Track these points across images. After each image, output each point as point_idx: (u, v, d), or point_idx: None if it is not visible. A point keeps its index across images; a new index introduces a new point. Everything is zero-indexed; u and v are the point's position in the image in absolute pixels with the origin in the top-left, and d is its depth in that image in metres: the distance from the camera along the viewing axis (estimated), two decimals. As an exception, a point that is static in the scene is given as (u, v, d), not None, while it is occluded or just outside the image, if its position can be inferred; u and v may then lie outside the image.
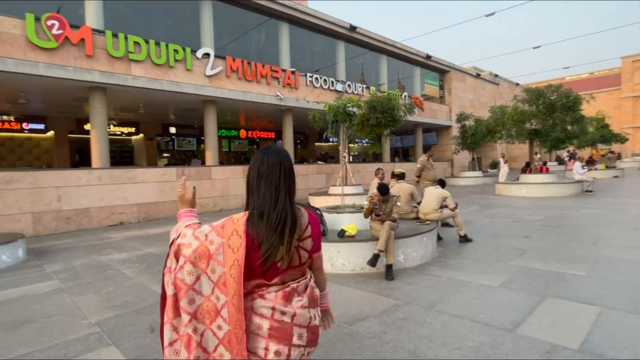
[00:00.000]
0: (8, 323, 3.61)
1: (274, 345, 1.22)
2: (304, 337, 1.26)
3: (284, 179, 1.30)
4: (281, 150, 1.37)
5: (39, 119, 14.58)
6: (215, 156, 12.89)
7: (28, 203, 8.60)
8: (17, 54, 8.72)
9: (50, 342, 3.17)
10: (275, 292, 1.25)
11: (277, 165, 1.30)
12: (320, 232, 1.40)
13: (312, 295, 1.32)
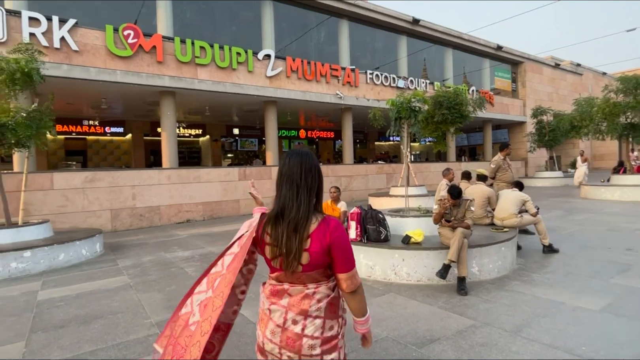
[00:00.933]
0: (80, 318, 3.76)
1: (259, 329, 1.43)
2: (276, 335, 1.36)
3: (305, 179, 1.37)
4: (303, 151, 1.43)
5: (118, 123, 15.90)
6: (275, 156, 13.01)
7: (107, 200, 9.30)
8: (99, 63, 9.46)
9: (113, 340, 3.20)
10: (271, 285, 1.42)
11: (298, 166, 1.38)
12: (325, 250, 1.33)
13: (312, 305, 1.36)
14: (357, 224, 4.83)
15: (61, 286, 4.88)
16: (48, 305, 4.16)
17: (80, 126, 15.03)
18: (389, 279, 4.48)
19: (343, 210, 5.39)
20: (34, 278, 5.31)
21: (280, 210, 1.36)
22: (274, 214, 1.37)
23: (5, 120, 5.98)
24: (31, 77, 6.36)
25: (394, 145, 25.84)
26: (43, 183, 8.55)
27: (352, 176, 14.28)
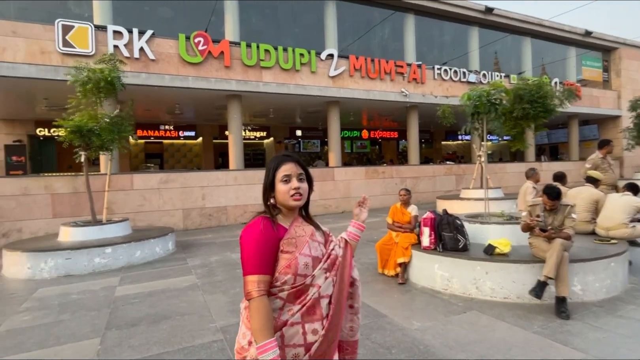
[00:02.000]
0: (150, 317, 3.81)
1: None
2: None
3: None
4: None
5: (190, 127, 16.84)
6: (338, 157, 12.80)
7: (180, 200, 9.77)
8: (172, 70, 9.99)
9: (179, 344, 3.16)
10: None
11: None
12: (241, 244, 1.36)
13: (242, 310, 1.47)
14: (430, 230, 4.38)
15: (136, 283, 5.09)
16: (123, 302, 4.32)
17: (157, 131, 16.16)
18: (469, 293, 3.97)
19: (414, 214, 4.96)
20: (113, 273, 5.63)
21: None
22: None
23: (91, 126, 6.47)
24: (114, 85, 6.82)
25: (463, 145, 24.30)
26: (124, 184, 9.21)
27: (418, 177, 13.57)
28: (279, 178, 1.37)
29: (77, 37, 8.99)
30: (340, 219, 10.44)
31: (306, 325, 1.28)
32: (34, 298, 4.61)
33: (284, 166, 1.37)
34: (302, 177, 1.39)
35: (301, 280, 1.30)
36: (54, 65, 8.78)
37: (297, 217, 1.43)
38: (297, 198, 1.35)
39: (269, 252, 1.28)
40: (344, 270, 1.41)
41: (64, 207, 8.62)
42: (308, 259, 1.32)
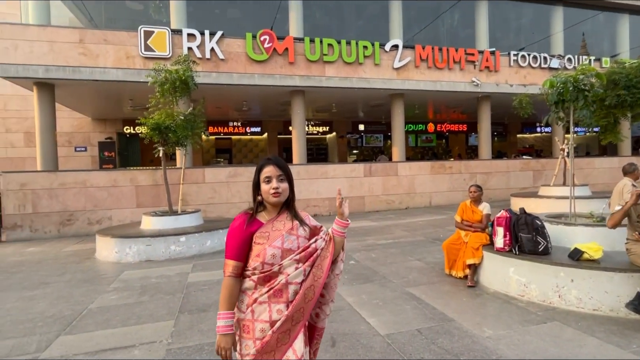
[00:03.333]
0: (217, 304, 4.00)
1: None
2: None
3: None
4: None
5: (257, 123, 17.50)
6: (402, 152, 12.42)
7: (247, 193, 10.20)
8: (240, 69, 10.41)
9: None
10: None
11: None
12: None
13: None
14: (505, 231, 4.02)
15: (206, 271, 5.40)
16: (195, 288, 4.59)
17: (227, 127, 17.04)
18: (551, 302, 3.58)
19: (486, 213, 4.60)
20: (186, 261, 6.03)
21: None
22: None
23: (168, 123, 6.97)
24: (188, 85, 7.28)
25: (542, 138, 22.22)
26: (197, 177, 9.84)
27: (490, 173, 12.67)
28: (262, 179, 1.58)
29: (157, 42, 9.74)
30: (404, 216, 10.13)
31: (272, 305, 1.49)
32: (120, 279, 5.10)
33: (266, 168, 1.57)
34: (282, 178, 1.58)
35: (268, 267, 1.52)
36: (137, 69, 9.62)
37: (282, 212, 1.63)
38: (275, 195, 1.56)
39: (240, 243, 1.54)
40: (322, 261, 1.57)
41: (145, 198, 9.45)
42: (277, 250, 1.53)
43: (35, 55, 9.17)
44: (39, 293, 4.64)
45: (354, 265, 5.42)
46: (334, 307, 3.74)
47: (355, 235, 7.71)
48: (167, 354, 2.93)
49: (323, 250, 1.61)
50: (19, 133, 14.16)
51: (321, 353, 2.87)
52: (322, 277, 1.51)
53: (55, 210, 8.96)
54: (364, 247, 6.52)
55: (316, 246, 1.60)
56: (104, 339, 3.26)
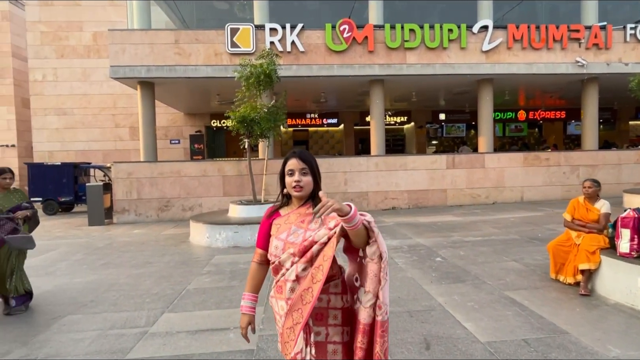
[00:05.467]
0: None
1: None
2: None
3: None
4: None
5: (333, 114, 17.54)
6: (489, 142, 11.45)
7: (324, 184, 10.12)
8: (319, 60, 10.43)
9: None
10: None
11: None
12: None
13: None
14: (633, 234, 3.41)
15: (289, 260, 5.50)
16: (280, 276, 4.70)
17: (304, 119, 17.37)
18: (698, 322, 2.95)
19: (605, 212, 3.97)
20: (270, 249, 6.22)
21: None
22: None
23: (253, 116, 7.24)
24: (271, 78, 7.48)
25: (662, 125, 18.94)
26: (277, 168, 10.07)
27: (596, 166, 11.11)
28: (286, 171, 1.54)
29: (242, 38, 10.17)
30: (492, 211, 9.36)
31: (278, 300, 1.48)
32: (212, 263, 5.44)
33: (289, 161, 1.53)
34: (305, 171, 1.52)
35: (273, 259, 1.51)
36: (224, 65, 10.16)
37: (305, 204, 1.56)
38: (297, 190, 1.51)
39: (262, 233, 1.61)
40: (323, 262, 1.37)
41: (231, 187, 10.03)
42: (279, 242, 1.49)
43: (139, 57, 10.18)
44: (145, 271, 5.14)
45: (440, 262, 5.10)
46: (423, 306, 3.53)
47: (439, 230, 7.30)
48: (260, 340, 3.00)
49: (324, 248, 1.39)
50: (125, 128, 15.99)
51: (415, 354, 2.70)
52: (321, 280, 1.32)
53: (155, 197, 9.93)
54: (449, 244, 6.12)
55: (313, 239, 1.41)
56: (201, 320, 3.46)
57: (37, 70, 15.70)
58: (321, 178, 1.59)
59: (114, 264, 5.56)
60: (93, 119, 15.90)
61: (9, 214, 3.70)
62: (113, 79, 10.70)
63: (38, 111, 15.83)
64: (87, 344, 3.06)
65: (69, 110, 15.82)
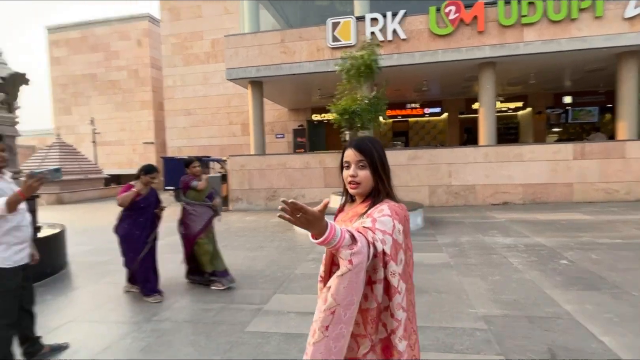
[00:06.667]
0: (407, 287, 3.94)
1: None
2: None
3: None
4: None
5: (435, 103, 16.65)
6: (632, 127, 9.60)
7: (426, 177, 9.86)
8: (422, 47, 9.98)
9: (439, 322, 3.09)
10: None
11: None
12: None
13: None
14: None
15: (391, 252, 5.43)
16: (382, 268, 4.67)
17: (404, 109, 16.87)
18: None
19: None
20: (371, 240, 6.23)
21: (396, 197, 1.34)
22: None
23: (354, 108, 7.28)
24: (372, 69, 7.42)
25: None
26: (377, 160, 10.06)
27: None
28: (343, 164, 1.35)
29: (342, 31, 10.29)
30: (634, 210, 7.88)
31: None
32: (315, 251, 5.67)
33: (346, 152, 1.33)
34: (362, 164, 1.30)
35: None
36: (326, 60, 10.42)
37: (366, 201, 1.32)
38: (352, 186, 1.32)
39: None
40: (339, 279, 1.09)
41: (331, 179, 10.29)
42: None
43: (249, 59, 11.07)
44: (258, 254, 5.62)
45: (567, 266, 4.48)
46: (546, 313, 3.16)
47: (563, 229, 6.41)
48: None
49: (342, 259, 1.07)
50: (238, 125, 17.61)
51: (538, 365, 2.43)
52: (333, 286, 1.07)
53: (264, 187, 10.75)
54: (577, 245, 5.33)
55: (339, 244, 1.05)
56: (308, 302, 3.64)
57: (169, 77, 18.24)
58: (389, 172, 1.33)
59: (231, 247, 6.20)
60: (212, 117, 17.89)
61: (207, 200, 4.35)
62: (228, 80, 11.84)
63: (170, 112, 18.43)
64: (213, 314, 3.47)
65: (193, 110, 18.05)
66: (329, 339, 1.05)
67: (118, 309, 3.74)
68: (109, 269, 5.03)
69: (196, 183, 4.29)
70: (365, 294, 1.13)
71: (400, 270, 1.16)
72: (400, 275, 1.15)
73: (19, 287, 2.41)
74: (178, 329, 3.18)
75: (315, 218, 1.02)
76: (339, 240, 1.03)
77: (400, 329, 1.14)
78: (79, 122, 22.76)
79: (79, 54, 22.90)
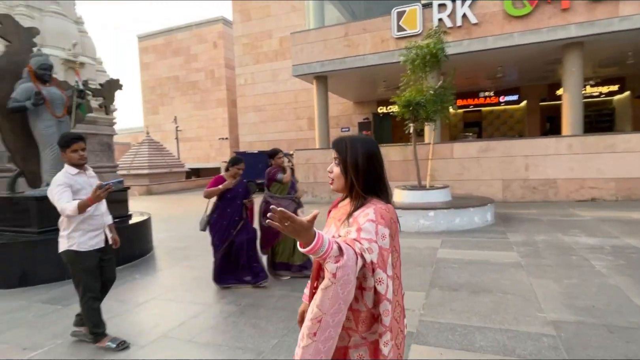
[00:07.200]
0: (470, 286, 3.79)
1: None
2: None
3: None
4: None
5: (512, 90, 15.38)
6: None
7: (499, 170, 9.23)
8: (495, 30, 9.29)
9: (501, 324, 2.94)
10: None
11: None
12: None
13: None
14: None
15: (455, 249, 5.24)
16: (444, 264, 4.54)
17: (476, 98, 15.87)
18: None
19: None
20: (434, 236, 6.06)
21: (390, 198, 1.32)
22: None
23: (419, 99, 7.07)
24: (438, 58, 7.12)
25: None
26: (445, 152, 9.67)
27: None
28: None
29: (408, 20, 9.99)
30: None
31: None
32: (376, 245, 5.67)
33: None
34: (337, 162, 1.30)
35: None
36: (390, 51, 10.21)
37: (352, 199, 1.29)
38: (330, 182, 1.35)
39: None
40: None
41: (396, 172, 10.12)
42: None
43: (314, 54, 11.27)
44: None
45: (663, 271, 3.93)
46: (630, 323, 2.85)
47: (664, 230, 5.60)
48: (420, 324, 3.00)
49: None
50: (304, 119, 18.05)
51: (613, 378, 2.21)
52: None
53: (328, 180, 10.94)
54: (681, 249, 4.63)
55: (326, 254, 1.04)
56: (365, 296, 3.69)
57: (241, 76, 19.28)
58: (367, 174, 1.25)
59: (294, 238, 6.45)
60: (279, 113, 18.57)
61: (291, 192, 4.36)
62: (294, 76, 12.19)
63: (242, 109, 19.51)
64: (274, 300, 3.69)
65: (262, 107, 18.90)
66: (318, 343, 1.07)
67: (192, 290, 4.14)
68: (187, 254, 5.57)
69: (281, 176, 4.30)
70: (356, 296, 1.13)
71: (389, 275, 1.13)
72: (389, 279, 1.12)
73: (97, 266, 2.80)
74: (242, 311, 3.44)
75: (303, 228, 1.02)
76: (326, 250, 1.03)
77: (386, 335, 1.13)
78: (164, 121, 25.16)
79: (163, 59, 25.22)
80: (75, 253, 2.72)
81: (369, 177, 1.27)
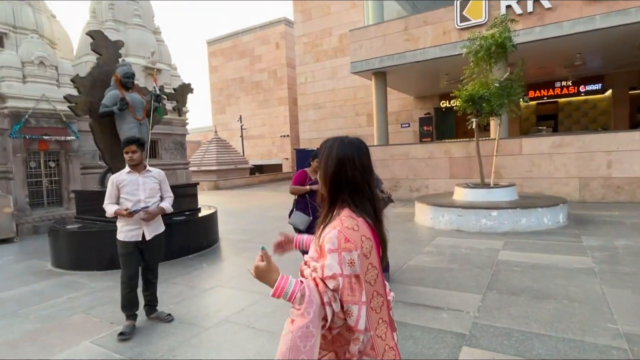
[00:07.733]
0: (531, 291, 3.59)
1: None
2: None
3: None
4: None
5: (595, 79, 13.86)
6: None
7: (576, 167, 8.46)
8: (573, 14, 8.48)
9: (564, 333, 2.76)
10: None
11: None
12: None
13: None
14: None
15: (519, 251, 4.95)
16: (505, 267, 4.32)
17: (551, 89, 14.58)
18: None
19: None
20: (497, 237, 5.76)
21: (378, 208, 1.20)
22: (374, 214, 1.18)
23: (482, 93, 6.73)
24: (505, 48, 6.71)
25: None
26: (512, 148, 9.07)
27: None
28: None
29: (472, 10, 9.50)
30: None
31: None
32: (433, 244, 5.56)
33: None
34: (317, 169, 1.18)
35: None
36: (453, 42, 9.80)
37: (323, 208, 1.23)
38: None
39: None
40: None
41: (458, 169, 9.73)
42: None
43: (372, 50, 11.19)
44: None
45: None
46: None
47: None
48: (473, 327, 2.93)
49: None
50: (364, 115, 17.99)
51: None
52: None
53: (386, 178, 10.83)
54: None
55: (289, 299, 1.11)
56: (417, 295, 3.67)
57: (302, 75, 19.73)
58: (330, 180, 1.17)
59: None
60: (339, 110, 18.70)
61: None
62: (352, 73, 12.21)
63: (302, 107, 19.98)
64: (327, 294, 3.81)
65: (322, 104, 19.18)
66: None
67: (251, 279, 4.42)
68: (249, 246, 5.94)
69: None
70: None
71: (362, 302, 1.06)
72: (360, 309, 1.06)
73: (131, 253, 3.17)
74: (297, 302, 3.62)
75: (263, 271, 1.09)
76: (290, 295, 1.05)
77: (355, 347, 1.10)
78: (230, 120, 26.66)
79: (230, 61, 26.68)
80: (118, 241, 3.20)
81: (337, 183, 1.16)
